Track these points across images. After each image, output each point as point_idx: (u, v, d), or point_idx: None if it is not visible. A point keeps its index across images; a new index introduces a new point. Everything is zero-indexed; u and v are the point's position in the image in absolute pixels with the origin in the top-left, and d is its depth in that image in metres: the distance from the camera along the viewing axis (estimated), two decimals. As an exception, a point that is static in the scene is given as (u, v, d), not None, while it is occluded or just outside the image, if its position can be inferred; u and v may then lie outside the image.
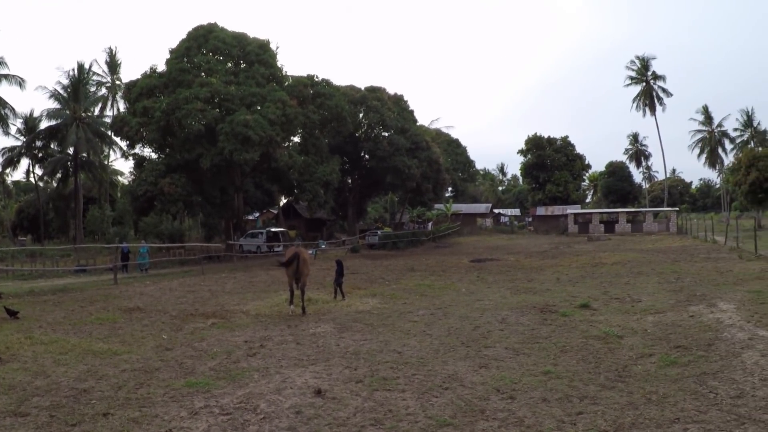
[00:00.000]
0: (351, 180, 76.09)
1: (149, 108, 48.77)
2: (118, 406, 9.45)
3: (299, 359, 12.57)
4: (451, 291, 24.74)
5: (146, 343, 14.62)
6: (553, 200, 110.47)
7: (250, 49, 53.28)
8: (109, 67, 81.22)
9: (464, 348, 13.46)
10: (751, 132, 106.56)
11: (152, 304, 22.17)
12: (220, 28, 53.56)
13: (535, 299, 21.26)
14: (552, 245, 59.11)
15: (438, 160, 75.90)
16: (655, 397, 9.66)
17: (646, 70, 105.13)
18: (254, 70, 52.24)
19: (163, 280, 32.57)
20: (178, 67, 50.93)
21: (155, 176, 52.32)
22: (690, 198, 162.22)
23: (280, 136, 50.98)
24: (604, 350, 13.05)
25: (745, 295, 20.12)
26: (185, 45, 52.43)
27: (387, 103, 70.66)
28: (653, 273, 29.10)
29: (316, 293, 22.85)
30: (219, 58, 53.30)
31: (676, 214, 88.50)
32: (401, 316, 18.20)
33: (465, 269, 35.48)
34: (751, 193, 77.48)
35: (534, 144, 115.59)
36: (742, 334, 14.06)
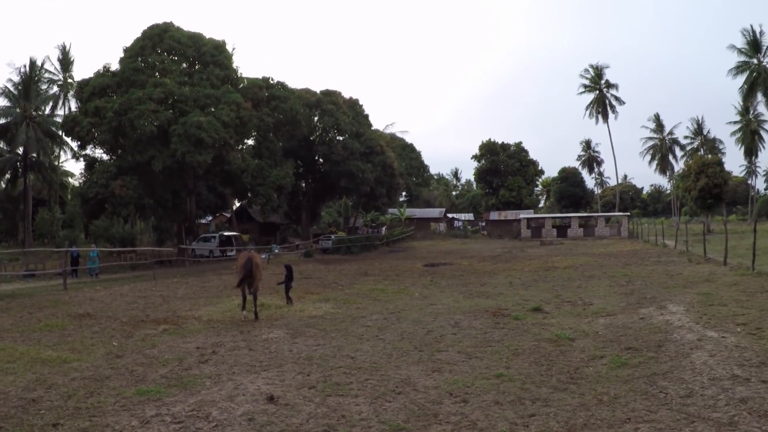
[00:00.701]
0: (305, 184, 75.81)
1: (101, 108, 48.03)
2: (68, 416, 9.30)
3: (252, 365, 12.49)
4: (404, 295, 24.82)
5: (96, 351, 14.40)
6: (507, 205, 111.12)
7: (206, 49, 52.80)
8: (62, 65, 79.57)
9: (417, 352, 13.50)
10: (701, 139, 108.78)
11: (102, 310, 21.87)
12: (175, 28, 52.96)
13: (488, 303, 21.39)
14: (505, 249, 59.45)
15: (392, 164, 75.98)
16: (607, 398, 9.79)
17: (599, 78, 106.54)
18: (209, 71, 51.80)
19: (113, 286, 32.13)
20: (131, 66, 50.29)
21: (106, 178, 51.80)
22: (641, 203, 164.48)
23: (233, 138, 50.67)
24: (556, 353, 13.17)
25: (694, 298, 20.47)
26: (140, 44, 51.73)
27: (342, 107, 70.62)
28: (605, 276, 29.44)
29: (268, 298, 22.70)
30: (174, 58, 52.73)
31: (627, 218, 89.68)
32: (354, 320, 18.19)
33: (418, 274, 35.58)
34: (701, 198, 79.19)
35: (488, 149, 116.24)
36: (691, 335, 14.29)
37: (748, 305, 18.31)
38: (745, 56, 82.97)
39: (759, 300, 19.32)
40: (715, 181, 78.44)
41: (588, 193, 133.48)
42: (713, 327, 15.17)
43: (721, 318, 16.37)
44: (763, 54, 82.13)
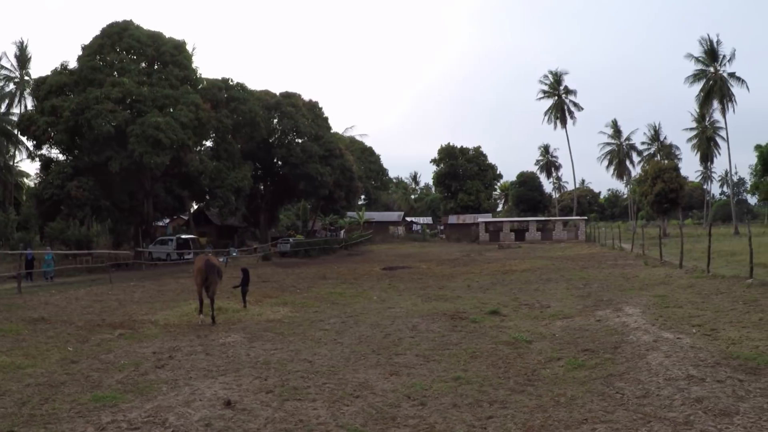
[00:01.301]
0: (263, 187, 75.49)
1: (58, 107, 47.41)
2: (22, 424, 9.14)
3: (209, 370, 12.39)
4: (362, 299, 24.79)
5: (51, 356, 14.16)
6: (465, 209, 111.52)
7: (165, 49, 52.28)
8: (19, 62, 77.89)
9: (375, 356, 13.50)
10: (657, 145, 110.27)
11: (57, 315, 21.51)
12: (135, 26, 52.36)
13: (446, 306, 21.45)
14: (463, 253, 59.62)
15: (351, 167, 75.98)
16: (564, 400, 9.87)
17: (558, 84, 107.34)
18: (168, 71, 51.35)
19: (69, 289, 31.62)
20: (90, 64, 49.68)
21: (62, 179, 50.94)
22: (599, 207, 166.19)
23: (191, 140, 50.23)
24: (513, 355, 13.25)
25: (650, 300, 20.74)
26: (99, 42, 51.09)
27: (302, 110, 70.41)
28: (562, 279, 29.69)
29: (226, 302, 22.52)
30: (133, 57, 52.12)
31: (584, 222, 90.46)
32: (312, 324, 18.13)
33: (377, 277, 35.59)
34: (657, 203, 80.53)
35: (447, 153, 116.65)
36: (647, 336, 14.47)
37: (703, 307, 18.60)
38: (703, 65, 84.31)
39: (714, 302, 19.62)
40: (671, 186, 79.89)
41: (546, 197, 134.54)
42: (669, 328, 15.38)
43: (677, 319, 16.61)
44: (719, 63, 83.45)
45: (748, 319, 16.27)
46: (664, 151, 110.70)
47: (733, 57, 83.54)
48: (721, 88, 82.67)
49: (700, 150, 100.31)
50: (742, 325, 15.39)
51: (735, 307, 18.25)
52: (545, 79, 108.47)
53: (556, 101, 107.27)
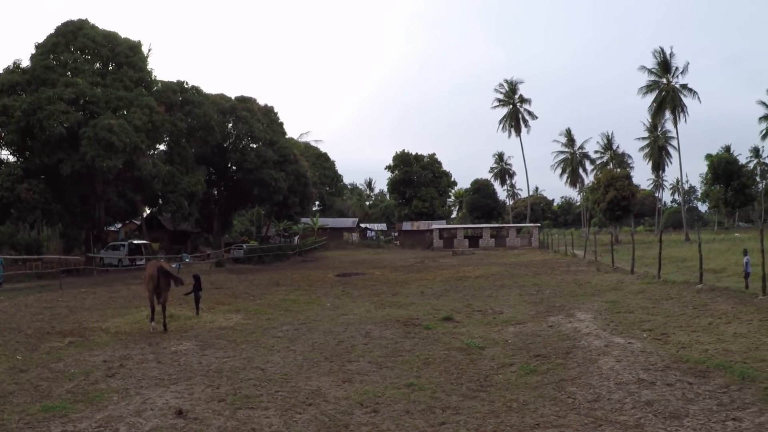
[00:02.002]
0: (217, 192, 74.75)
1: (9, 106, 46.35)
2: (-32, 435, 9.01)
3: (160, 379, 12.28)
4: (316, 306, 24.76)
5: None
6: (420, 215, 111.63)
7: (121, 50, 51.35)
8: (-31, 59, 76.56)
9: (328, 363, 13.49)
10: (610, 154, 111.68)
11: (6, 322, 21.21)
12: (90, 26, 51.40)
13: (399, 313, 21.51)
14: (417, 260, 59.81)
15: (306, 173, 75.64)
16: (516, 405, 9.97)
17: (513, 93, 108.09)
18: (123, 73, 50.47)
19: (18, 296, 31.14)
20: (43, 64, 48.69)
21: (12, 181, 49.80)
22: (552, 214, 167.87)
23: (145, 143, 49.46)
24: (466, 361, 13.32)
25: (602, 305, 21.02)
26: (52, 41, 50.03)
27: (257, 114, 69.89)
28: (515, 286, 29.91)
29: (178, 309, 22.35)
30: (87, 57, 51.02)
31: (538, 229, 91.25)
32: (265, 331, 18.08)
33: (330, 284, 35.53)
34: (609, 210, 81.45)
35: (402, 160, 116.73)
36: (599, 341, 14.65)
37: (654, 312, 18.91)
38: (656, 76, 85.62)
39: (664, 307, 19.95)
40: (623, 194, 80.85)
41: (500, 204, 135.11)
42: (620, 333, 15.61)
43: (628, 324, 16.85)
44: (672, 74, 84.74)
45: (698, 323, 16.58)
46: (617, 160, 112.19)
47: (686, 69, 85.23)
48: (673, 99, 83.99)
49: (652, 159, 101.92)
50: (691, 330, 15.68)
51: (685, 312, 18.57)
52: (500, 87, 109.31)
53: (511, 110, 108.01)
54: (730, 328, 15.64)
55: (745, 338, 14.36)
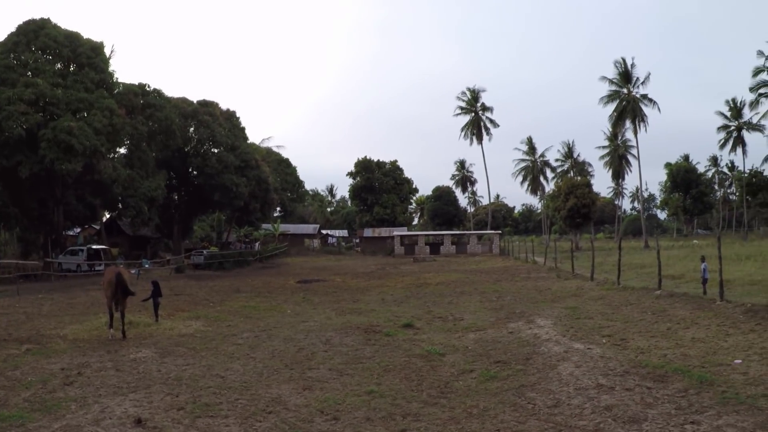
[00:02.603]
0: (177, 197, 74.11)
1: (-33, 107, 45.73)
2: None
3: (119, 387, 12.14)
4: (276, 313, 24.67)
5: (-46, 373, 13.72)
6: (381, 222, 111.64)
7: (82, 50, 50.60)
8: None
9: (288, 370, 13.44)
10: (571, 162, 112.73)
11: (-39, 328, 20.90)
12: (52, 25, 50.62)
13: (360, 320, 21.51)
14: (378, 266, 59.77)
15: (267, 179, 75.31)
16: (476, 411, 10.01)
17: (476, 101, 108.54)
18: (84, 74, 49.75)
19: (-27, 301, 30.72)
20: (2, 63, 47.75)
21: (-32, 184, 49.12)
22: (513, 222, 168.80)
23: (105, 146, 48.83)
24: (426, 368, 13.35)
25: (562, 312, 21.19)
26: (13, 39, 49.19)
27: (219, 119, 69.41)
28: (476, 292, 30.03)
29: (137, 316, 22.13)
30: (48, 57, 50.21)
31: (499, 236, 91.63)
32: (225, 339, 17.96)
33: (291, 290, 35.41)
34: (570, 217, 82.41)
35: (363, 167, 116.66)
36: (558, 347, 14.76)
37: (613, 318, 19.10)
38: (617, 86, 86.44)
39: (623, 312, 20.15)
40: (583, 202, 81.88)
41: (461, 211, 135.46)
42: (579, 339, 15.73)
43: (587, 330, 17.00)
44: (633, 85, 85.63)
45: (657, 328, 16.77)
46: (578, 168, 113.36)
47: (647, 79, 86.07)
48: (633, 108, 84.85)
49: (612, 167, 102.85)
50: (650, 335, 15.86)
51: (644, 318, 18.78)
52: (463, 95, 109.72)
53: (473, 118, 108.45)
54: (688, 333, 15.85)
55: (703, 343, 14.57)
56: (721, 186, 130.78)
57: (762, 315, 17.21)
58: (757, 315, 17.34)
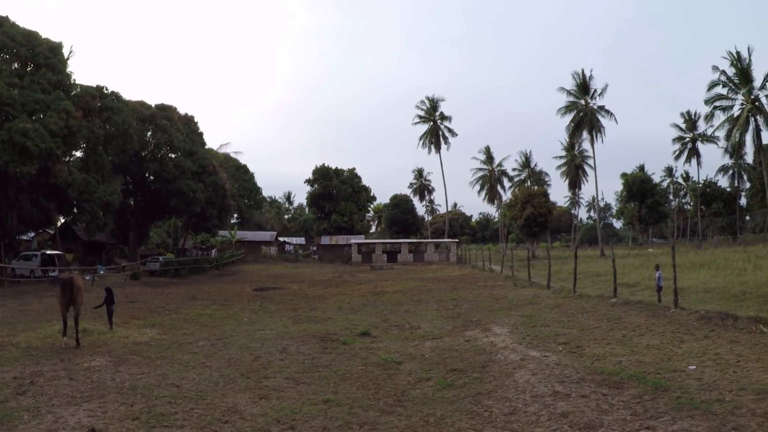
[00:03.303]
0: (134, 202, 73.27)
1: None
2: None
3: (72, 396, 11.95)
4: (232, 321, 24.56)
5: None
6: (338, 230, 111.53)
7: (40, 50, 49.69)
8: None
9: (244, 379, 13.36)
10: (528, 172, 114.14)
11: None
12: (10, 23, 49.69)
13: (317, 328, 21.48)
14: (336, 274, 59.77)
15: (224, 185, 74.91)
16: (433, 419, 10.04)
17: (434, 110, 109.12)
18: (41, 75, 48.81)
19: None
20: (-43, 61, 47.18)
21: None
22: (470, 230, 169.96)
23: (61, 149, 47.96)
24: (383, 376, 13.35)
25: (518, 319, 21.35)
26: (-31, 37, 48.56)
27: (177, 123, 68.84)
28: (432, 300, 30.13)
29: (91, 323, 21.83)
30: (5, 56, 49.36)
31: (456, 245, 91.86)
32: (181, 347, 17.81)
33: (248, 298, 35.26)
34: (526, 226, 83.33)
35: (321, 174, 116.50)
36: (515, 355, 14.86)
37: (569, 325, 19.28)
38: (575, 97, 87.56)
39: (579, 320, 20.36)
40: (540, 211, 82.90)
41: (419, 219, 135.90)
42: (536, 347, 15.86)
43: (544, 338, 17.14)
44: (591, 96, 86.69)
45: (612, 336, 16.96)
46: (535, 178, 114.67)
47: (604, 91, 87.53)
48: (591, 119, 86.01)
49: (569, 177, 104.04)
50: (606, 342, 16.03)
51: (599, 325, 18.98)
52: (422, 104, 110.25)
53: (432, 126, 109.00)
54: (643, 340, 16.06)
55: (657, 349, 14.77)
56: (676, 196, 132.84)
57: (715, 322, 17.49)
58: (711, 322, 17.62)
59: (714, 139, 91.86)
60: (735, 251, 54.77)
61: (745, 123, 63.92)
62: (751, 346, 14.47)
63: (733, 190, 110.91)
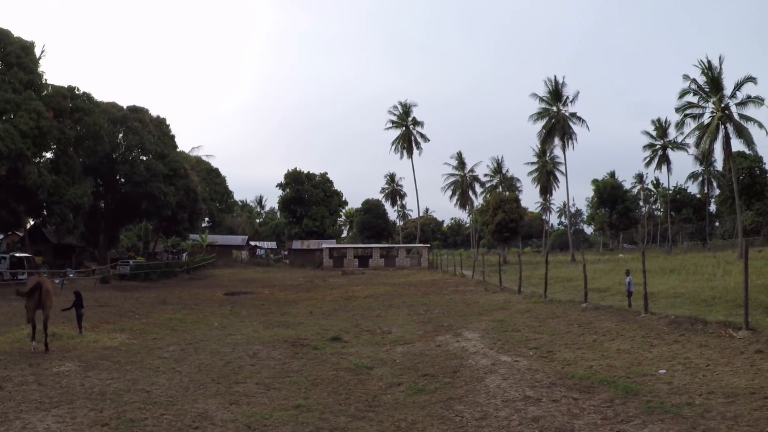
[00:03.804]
0: (104, 204, 72.62)
1: None
2: None
3: (41, 402, 11.80)
4: (203, 325, 24.46)
5: None
6: (310, 234, 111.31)
7: (12, 49, 49.17)
8: None
9: (215, 385, 13.30)
10: (500, 177, 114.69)
11: None
12: (-18, 22, 49.52)
13: (288, 333, 21.42)
14: (307, 279, 59.67)
15: (195, 188, 74.55)
16: (404, 425, 10.05)
17: (407, 115, 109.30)
18: (12, 74, 48.29)
19: None
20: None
21: None
22: (441, 235, 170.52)
23: (31, 150, 47.51)
24: (354, 382, 13.34)
25: (489, 324, 21.41)
26: (-60, 36, 47.98)
27: (148, 126, 68.38)
28: (404, 305, 30.14)
29: (60, 328, 21.64)
30: (-23, 55, 49.28)
31: (427, 250, 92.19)
32: (150, 352, 17.68)
33: (218, 303, 35.13)
34: (498, 232, 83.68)
35: (293, 178, 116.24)
36: (486, 360, 14.90)
37: (540, 330, 19.37)
38: (547, 104, 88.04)
39: (550, 325, 20.46)
40: (511, 216, 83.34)
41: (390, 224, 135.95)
42: (507, 352, 15.92)
43: (515, 343, 17.20)
44: (563, 103, 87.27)
45: (583, 340, 17.06)
46: (506, 183, 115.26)
47: (576, 98, 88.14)
48: (563, 126, 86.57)
49: (540, 183, 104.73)
50: (576, 347, 16.13)
51: (570, 330, 19.09)
52: (394, 109, 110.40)
53: (404, 132, 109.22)
54: (613, 345, 16.17)
55: (628, 354, 14.89)
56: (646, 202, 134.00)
57: (685, 326, 17.63)
58: (681, 326, 17.76)
59: (684, 146, 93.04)
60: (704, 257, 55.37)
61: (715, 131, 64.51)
62: (721, 350, 14.61)
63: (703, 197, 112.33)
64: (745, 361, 13.33)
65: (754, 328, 15.76)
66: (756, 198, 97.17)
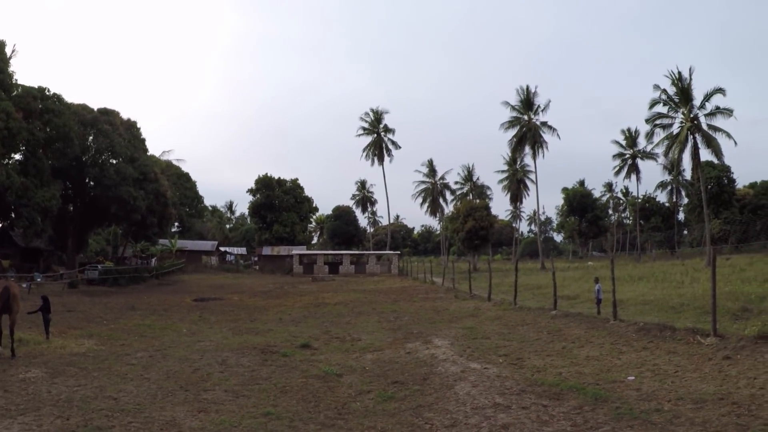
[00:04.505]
0: (73, 208, 71.79)
1: None
2: None
3: (7, 409, 11.70)
4: (171, 332, 24.32)
5: None
6: (280, 240, 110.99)
7: None
8: None
9: (183, 392, 13.22)
10: (470, 185, 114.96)
11: None
12: (-50, 20, 48.92)
13: (257, 340, 21.37)
14: (277, 285, 59.49)
15: (165, 193, 74.00)
16: (374, 432, 9.97)
17: (378, 122, 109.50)
18: (-19, 74, 48.09)
19: None
20: None
21: None
22: (412, 242, 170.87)
23: (-1, 151, 47.19)
24: (323, 389, 13.33)
25: (459, 331, 21.48)
26: None
27: (119, 128, 67.69)
28: (374, 312, 30.17)
29: (27, 333, 21.42)
30: (-55, 55, 48.59)
31: (398, 256, 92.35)
32: (118, 358, 17.55)
33: (187, 309, 34.96)
34: (468, 239, 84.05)
35: (264, 184, 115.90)
36: (455, 367, 14.93)
37: (510, 337, 19.46)
38: (518, 113, 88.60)
39: (519, 332, 20.57)
40: (481, 224, 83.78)
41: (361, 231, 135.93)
42: (476, 359, 15.96)
43: (484, 350, 17.27)
44: (534, 112, 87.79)
45: (552, 348, 17.15)
46: (477, 191, 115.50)
47: (547, 107, 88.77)
48: (533, 135, 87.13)
49: (511, 191, 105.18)
50: (546, 354, 16.21)
51: (540, 337, 19.20)
52: (366, 116, 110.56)
53: (375, 138, 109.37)
54: (582, 352, 16.27)
55: (597, 361, 14.99)
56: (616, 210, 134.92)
57: (654, 333, 17.77)
58: (649, 333, 17.90)
59: (653, 155, 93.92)
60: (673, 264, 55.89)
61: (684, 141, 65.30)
62: (689, 356, 14.76)
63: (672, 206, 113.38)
64: (713, 368, 13.48)
65: (721, 335, 15.90)
66: (723, 207, 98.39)
